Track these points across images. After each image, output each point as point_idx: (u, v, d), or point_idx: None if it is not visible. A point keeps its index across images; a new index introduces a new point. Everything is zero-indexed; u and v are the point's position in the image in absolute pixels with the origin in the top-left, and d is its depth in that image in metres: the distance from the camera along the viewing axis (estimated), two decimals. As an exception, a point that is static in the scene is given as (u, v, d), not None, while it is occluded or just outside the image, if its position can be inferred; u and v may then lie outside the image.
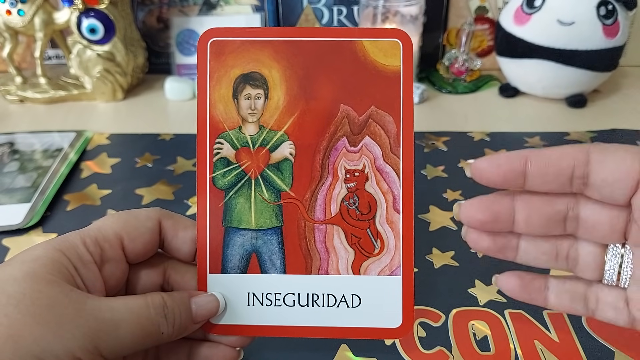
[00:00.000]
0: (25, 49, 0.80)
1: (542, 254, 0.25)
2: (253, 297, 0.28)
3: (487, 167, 0.24)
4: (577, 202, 0.24)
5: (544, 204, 0.24)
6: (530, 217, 0.24)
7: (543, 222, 0.24)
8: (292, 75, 0.28)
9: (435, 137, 0.62)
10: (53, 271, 0.22)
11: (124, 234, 0.26)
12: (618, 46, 0.65)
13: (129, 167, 0.57)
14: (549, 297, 0.25)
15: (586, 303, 0.25)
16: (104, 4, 0.68)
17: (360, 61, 0.28)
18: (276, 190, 0.28)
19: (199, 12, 0.78)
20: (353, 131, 0.28)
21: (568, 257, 0.25)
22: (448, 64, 0.75)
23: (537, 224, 0.24)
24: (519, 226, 0.24)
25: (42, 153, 0.59)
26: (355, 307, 0.28)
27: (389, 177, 0.28)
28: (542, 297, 0.25)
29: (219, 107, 0.28)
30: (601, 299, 0.24)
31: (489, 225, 0.24)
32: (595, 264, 0.24)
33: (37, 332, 0.20)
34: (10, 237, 0.46)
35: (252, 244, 0.28)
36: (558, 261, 0.25)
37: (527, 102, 0.71)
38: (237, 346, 0.28)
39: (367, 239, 0.28)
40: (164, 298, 0.25)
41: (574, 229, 0.24)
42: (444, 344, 0.35)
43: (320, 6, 0.77)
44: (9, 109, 0.72)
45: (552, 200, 0.24)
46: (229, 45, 0.28)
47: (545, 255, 0.25)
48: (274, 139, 0.28)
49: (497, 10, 0.77)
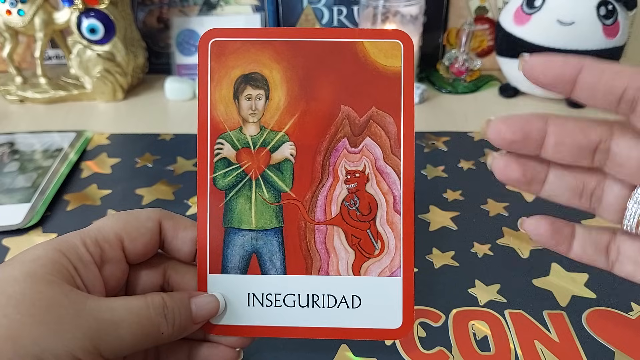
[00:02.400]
0: (25, 49, 0.80)
1: (567, 190, 0.24)
2: (253, 297, 0.28)
3: (540, 64, 0.22)
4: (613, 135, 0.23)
5: (578, 130, 0.23)
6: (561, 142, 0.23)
7: (573, 150, 0.23)
8: (293, 75, 0.28)
9: (435, 137, 0.62)
10: (53, 271, 0.22)
11: (124, 234, 0.26)
12: (618, 46, 0.65)
13: (129, 167, 0.57)
14: (574, 246, 0.25)
15: (607, 255, 0.24)
16: (104, 4, 0.68)
17: (361, 62, 0.28)
18: (277, 191, 0.28)
19: (199, 12, 0.78)
20: (354, 132, 0.28)
21: (593, 196, 0.24)
22: (448, 64, 0.75)
23: (567, 150, 0.23)
24: (547, 151, 0.23)
25: (42, 153, 0.59)
26: (355, 308, 0.28)
27: (389, 178, 0.28)
28: (567, 245, 0.25)
29: (219, 107, 0.28)
30: (622, 251, 0.24)
31: (518, 145, 0.23)
32: (617, 206, 0.23)
33: (37, 333, 0.20)
34: (10, 237, 0.46)
35: (253, 245, 0.28)
36: (582, 199, 0.24)
37: (527, 102, 0.71)
38: (237, 347, 0.28)
39: (368, 239, 0.28)
40: (164, 298, 0.25)
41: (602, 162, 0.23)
42: (444, 344, 0.35)
43: (320, 6, 0.77)
44: (9, 109, 0.72)
45: (588, 128, 0.23)
46: (230, 46, 0.28)
47: (571, 192, 0.24)
48: (274, 139, 0.28)
49: (497, 10, 0.77)
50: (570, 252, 0.25)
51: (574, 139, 0.23)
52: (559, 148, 0.23)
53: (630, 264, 0.24)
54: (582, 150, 0.23)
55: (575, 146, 0.23)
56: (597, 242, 0.24)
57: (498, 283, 0.40)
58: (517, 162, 0.24)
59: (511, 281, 0.40)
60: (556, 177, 0.24)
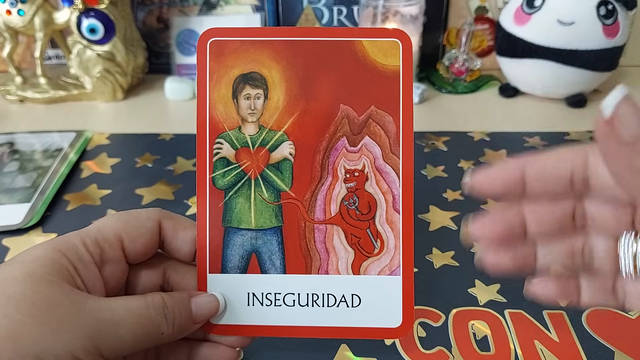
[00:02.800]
0: (25, 49, 0.80)
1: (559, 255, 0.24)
2: (253, 297, 0.28)
3: (484, 180, 0.23)
4: (582, 200, 0.23)
5: (550, 206, 0.23)
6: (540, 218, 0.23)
7: (554, 221, 0.23)
8: (292, 75, 0.28)
9: (435, 137, 0.61)
10: (53, 272, 0.22)
11: (124, 234, 0.26)
12: (618, 46, 0.65)
13: (129, 167, 0.57)
14: (583, 297, 0.25)
15: (616, 296, 0.24)
16: (104, 4, 0.68)
17: (360, 61, 0.28)
18: (276, 190, 0.28)
19: (199, 12, 0.78)
20: (353, 131, 0.28)
21: (584, 254, 0.24)
22: (448, 64, 0.75)
23: (549, 224, 0.23)
24: (532, 231, 0.24)
25: (42, 153, 0.59)
26: (355, 307, 0.28)
27: (388, 177, 0.28)
28: (577, 298, 0.25)
29: (218, 107, 0.28)
30: (628, 290, 0.24)
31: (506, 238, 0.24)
32: (610, 258, 0.24)
33: (37, 333, 0.20)
34: (10, 237, 0.46)
35: (252, 244, 0.28)
36: (575, 259, 0.25)
37: (527, 102, 0.71)
38: (237, 346, 0.28)
39: (367, 238, 0.28)
40: (164, 298, 0.25)
41: (583, 225, 0.24)
42: (444, 344, 0.35)
43: (320, 6, 0.77)
44: (9, 109, 0.72)
45: (557, 202, 0.23)
46: (229, 46, 0.28)
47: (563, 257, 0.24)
48: (273, 139, 0.28)
49: (497, 10, 0.77)
50: (581, 302, 0.25)
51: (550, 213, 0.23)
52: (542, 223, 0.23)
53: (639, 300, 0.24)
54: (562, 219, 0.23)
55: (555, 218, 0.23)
56: (603, 288, 0.25)
57: (498, 283, 0.40)
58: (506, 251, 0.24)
59: (511, 281, 0.40)
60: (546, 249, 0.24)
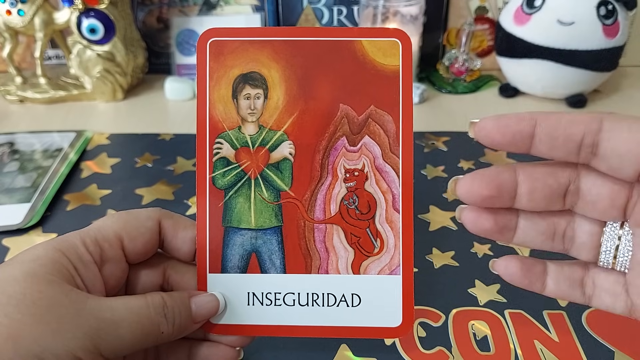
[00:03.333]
0: (25, 49, 0.80)
1: (539, 234, 0.24)
2: (253, 296, 0.28)
3: (493, 127, 0.22)
4: (580, 175, 0.23)
5: (547, 175, 0.22)
6: (533, 189, 0.22)
7: (546, 195, 0.23)
8: (292, 75, 0.28)
9: (435, 137, 0.62)
10: (53, 271, 0.22)
11: (124, 234, 0.26)
12: (618, 46, 0.65)
13: (129, 167, 0.57)
14: (548, 283, 0.24)
15: (583, 289, 0.24)
16: (104, 4, 0.68)
17: (360, 61, 0.28)
18: (276, 190, 0.28)
19: (199, 12, 0.78)
20: (352, 131, 0.28)
21: (565, 237, 0.24)
22: (448, 64, 0.75)
23: (540, 197, 0.23)
24: (521, 200, 0.23)
25: (42, 153, 0.59)
26: (355, 307, 0.28)
27: (388, 177, 0.28)
28: (541, 283, 0.24)
29: (218, 107, 0.28)
30: (598, 284, 0.23)
31: (492, 200, 0.23)
32: (591, 244, 0.23)
33: (37, 332, 0.20)
34: (10, 237, 0.46)
35: (252, 244, 0.28)
36: (555, 241, 0.24)
37: (527, 102, 0.71)
38: (237, 346, 0.28)
39: (367, 238, 0.28)
40: (163, 298, 0.25)
41: (573, 203, 0.23)
42: (444, 344, 0.35)
43: (320, 6, 0.77)
44: (9, 109, 0.72)
45: (556, 172, 0.22)
46: (229, 46, 0.28)
47: (543, 235, 0.24)
48: (273, 138, 0.28)
49: (497, 10, 0.77)
50: (545, 290, 0.24)
51: (545, 184, 0.23)
52: (532, 196, 0.23)
53: (608, 297, 0.23)
54: (554, 194, 0.23)
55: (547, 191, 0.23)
56: (571, 278, 0.24)
57: (498, 283, 0.40)
58: (488, 212, 0.23)
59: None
60: (527, 222, 0.24)
